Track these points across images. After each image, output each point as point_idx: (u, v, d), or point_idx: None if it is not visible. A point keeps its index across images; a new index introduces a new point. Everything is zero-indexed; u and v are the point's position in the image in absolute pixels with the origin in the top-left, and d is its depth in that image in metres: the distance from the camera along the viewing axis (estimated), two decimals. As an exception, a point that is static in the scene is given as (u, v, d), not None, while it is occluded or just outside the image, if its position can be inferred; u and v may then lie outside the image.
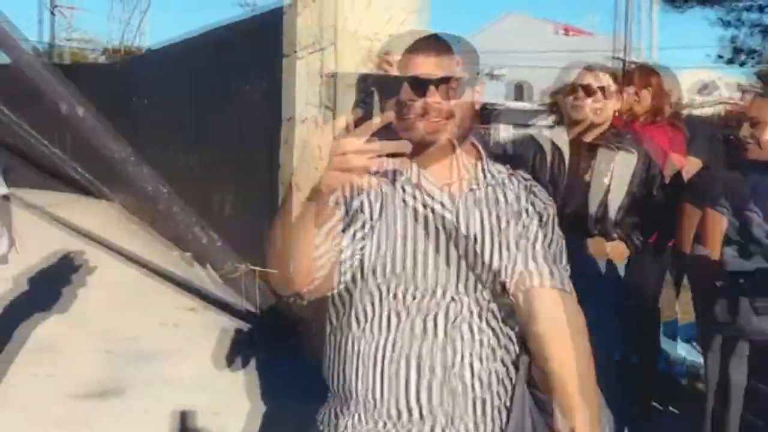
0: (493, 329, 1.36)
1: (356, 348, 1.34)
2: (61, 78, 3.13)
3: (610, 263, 2.59)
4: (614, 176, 2.55)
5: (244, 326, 4.30)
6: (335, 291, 1.32)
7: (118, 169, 3.37)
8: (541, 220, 1.39)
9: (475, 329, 1.34)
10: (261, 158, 4.57)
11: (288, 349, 3.96)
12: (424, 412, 1.30)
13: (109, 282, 5.16)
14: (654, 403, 3.43)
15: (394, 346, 1.31)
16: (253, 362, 3.80)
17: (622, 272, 2.61)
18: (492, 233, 1.35)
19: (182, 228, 3.40)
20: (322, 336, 1.41)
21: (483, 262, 1.34)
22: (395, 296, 1.32)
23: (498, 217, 1.36)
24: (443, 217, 1.33)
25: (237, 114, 5.03)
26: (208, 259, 3.45)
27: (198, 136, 6.15)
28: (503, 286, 1.36)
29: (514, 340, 1.40)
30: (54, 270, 4.97)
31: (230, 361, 3.80)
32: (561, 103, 2.70)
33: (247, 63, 4.81)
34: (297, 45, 4.06)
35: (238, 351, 3.89)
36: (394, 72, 2.50)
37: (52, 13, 17.31)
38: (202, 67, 5.92)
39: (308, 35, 4.05)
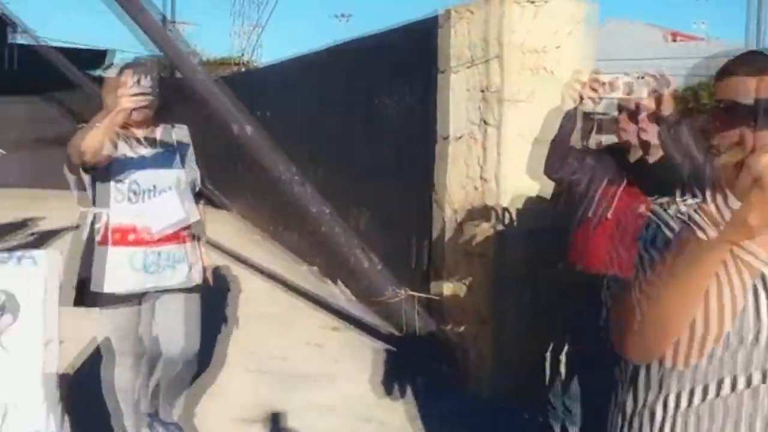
0: None
1: None
2: (230, 96, 3.10)
3: None
4: None
5: (393, 348, 4.15)
6: None
7: (284, 189, 3.32)
8: None
9: None
10: (407, 175, 4.42)
11: (443, 376, 3.78)
12: None
13: (250, 297, 5.18)
14: None
15: None
16: (409, 389, 3.64)
17: None
18: None
19: (345, 250, 3.29)
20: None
21: None
22: None
23: None
24: None
25: (380, 129, 4.91)
26: (368, 282, 3.33)
27: (328, 151, 6.11)
28: None
29: None
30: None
31: (387, 386, 3.66)
32: None
33: (394, 76, 4.68)
34: (453, 59, 3.89)
35: (394, 375, 3.74)
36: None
37: (170, 30, 18.03)
38: (338, 79, 5.86)
39: (465, 49, 3.87)
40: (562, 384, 2.92)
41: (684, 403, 1.09)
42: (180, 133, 2.90)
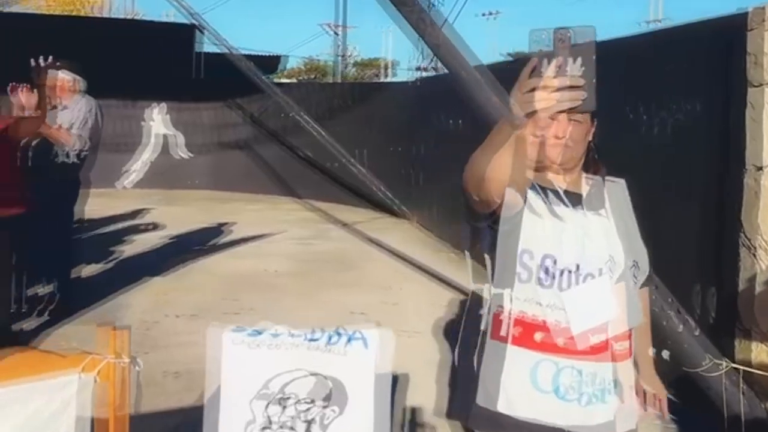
0: None
1: None
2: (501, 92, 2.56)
3: None
4: None
5: None
6: None
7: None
8: None
9: None
10: (689, 209, 3.65)
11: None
12: None
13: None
14: None
15: None
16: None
17: None
18: None
19: (656, 311, 2.69)
20: None
21: None
22: None
23: None
24: None
25: (649, 146, 4.11)
26: (682, 349, 2.69)
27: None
28: None
29: None
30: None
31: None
32: None
33: (671, 84, 3.91)
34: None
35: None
36: None
37: (336, 33, 18.37)
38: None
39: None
40: None
41: None
42: (615, 190, 1.72)
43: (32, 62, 4.26)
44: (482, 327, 1.63)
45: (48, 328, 4.34)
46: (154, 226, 8.22)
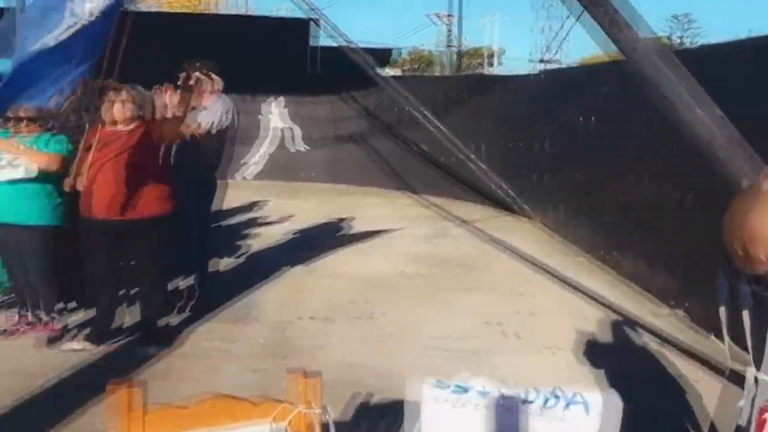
0: None
1: None
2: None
3: None
4: None
5: None
6: None
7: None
8: None
9: None
10: None
11: None
12: None
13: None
14: None
15: None
16: None
17: None
18: None
19: None
20: None
21: None
22: None
23: None
24: None
25: None
26: None
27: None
28: None
29: None
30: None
31: None
32: None
33: None
34: None
35: None
36: None
37: (449, 25, 18.04)
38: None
39: None
40: None
41: None
42: None
43: (184, 65, 4.37)
44: (740, 422, 1.32)
45: (190, 325, 4.45)
46: (278, 220, 8.36)
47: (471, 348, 4.15)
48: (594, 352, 4.04)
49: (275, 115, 13.02)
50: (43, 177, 4.05)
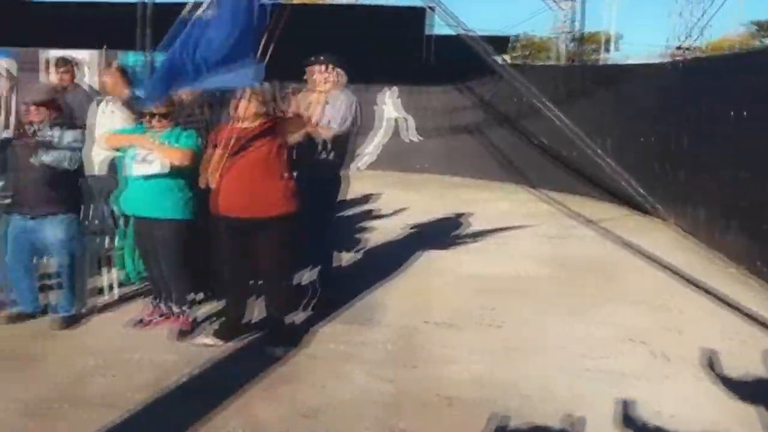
0: None
1: None
2: None
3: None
4: None
5: None
6: None
7: None
8: None
9: None
10: None
11: None
12: None
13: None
14: None
15: None
16: None
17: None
18: None
19: None
20: None
21: None
22: None
23: None
24: None
25: None
26: None
27: None
28: None
29: None
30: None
31: None
32: None
33: None
34: None
35: None
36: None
37: (569, 9, 17.19)
38: None
39: None
40: None
41: None
42: None
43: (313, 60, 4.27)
44: None
45: (314, 325, 4.35)
46: (393, 212, 8.20)
47: (616, 369, 3.77)
48: (762, 386, 3.55)
49: (389, 105, 12.88)
50: (175, 171, 4.09)
